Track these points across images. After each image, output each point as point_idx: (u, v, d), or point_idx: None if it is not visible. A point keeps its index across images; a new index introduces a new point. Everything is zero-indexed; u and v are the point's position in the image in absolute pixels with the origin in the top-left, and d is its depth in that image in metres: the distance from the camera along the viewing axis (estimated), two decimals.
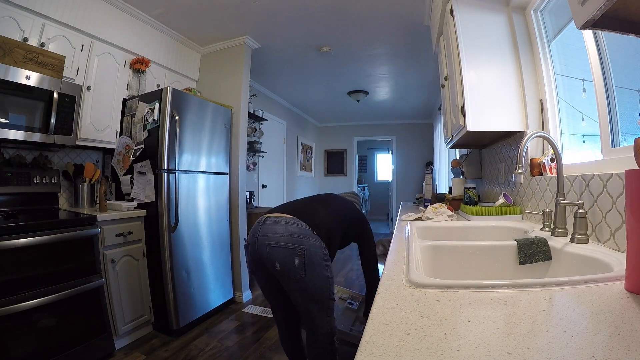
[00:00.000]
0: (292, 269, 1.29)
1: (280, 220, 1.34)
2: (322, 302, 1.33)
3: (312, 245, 1.31)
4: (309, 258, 1.29)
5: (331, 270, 1.38)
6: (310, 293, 1.31)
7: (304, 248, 1.29)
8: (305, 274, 1.29)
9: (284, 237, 1.30)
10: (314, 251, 1.30)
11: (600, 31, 0.75)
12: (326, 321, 1.36)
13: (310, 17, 2.65)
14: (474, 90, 1.55)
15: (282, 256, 1.29)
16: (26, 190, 2.00)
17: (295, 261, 1.28)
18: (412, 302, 0.54)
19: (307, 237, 1.31)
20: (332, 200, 1.63)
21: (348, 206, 1.66)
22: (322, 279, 1.32)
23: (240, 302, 2.92)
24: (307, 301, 1.33)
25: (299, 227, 1.32)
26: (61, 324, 1.67)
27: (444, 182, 4.40)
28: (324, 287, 1.33)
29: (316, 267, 1.30)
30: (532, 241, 0.97)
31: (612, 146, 1.05)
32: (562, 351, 0.37)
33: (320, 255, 1.32)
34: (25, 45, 1.79)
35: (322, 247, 1.34)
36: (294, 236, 1.29)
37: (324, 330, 1.36)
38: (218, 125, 2.72)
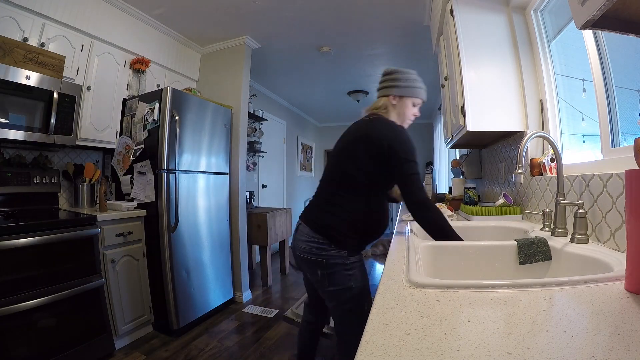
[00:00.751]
0: (317, 279, 1.28)
1: (304, 231, 1.29)
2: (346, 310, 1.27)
3: (332, 256, 1.24)
4: (330, 269, 1.24)
5: (357, 279, 1.25)
6: (336, 302, 1.28)
7: (323, 261, 1.24)
8: (329, 285, 1.25)
9: (306, 251, 1.27)
10: (333, 262, 1.24)
11: (600, 31, 0.75)
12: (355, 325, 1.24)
13: (310, 17, 2.65)
14: (474, 90, 1.55)
15: (307, 267, 1.30)
16: (26, 190, 2.00)
17: (318, 272, 1.26)
18: (412, 302, 0.54)
19: (325, 249, 1.24)
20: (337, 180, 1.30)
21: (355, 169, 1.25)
22: (345, 289, 1.24)
23: (240, 302, 2.92)
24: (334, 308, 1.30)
25: (317, 241, 1.25)
26: (61, 324, 1.67)
27: (444, 182, 4.40)
28: (347, 298, 1.25)
29: (338, 278, 1.24)
30: (532, 241, 0.97)
31: (612, 146, 1.05)
32: (562, 351, 0.37)
33: (341, 266, 1.24)
34: (25, 45, 1.79)
35: (343, 257, 1.24)
36: (313, 250, 1.25)
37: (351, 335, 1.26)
38: (218, 125, 2.72)
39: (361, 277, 1.27)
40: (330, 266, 1.23)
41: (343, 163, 1.28)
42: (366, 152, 1.22)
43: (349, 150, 1.27)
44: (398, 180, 1.22)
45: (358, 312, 1.24)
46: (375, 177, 1.24)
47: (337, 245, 1.23)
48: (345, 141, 1.32)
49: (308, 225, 1.28)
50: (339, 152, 1.32)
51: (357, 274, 1.26)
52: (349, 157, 1.26)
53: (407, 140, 1.22)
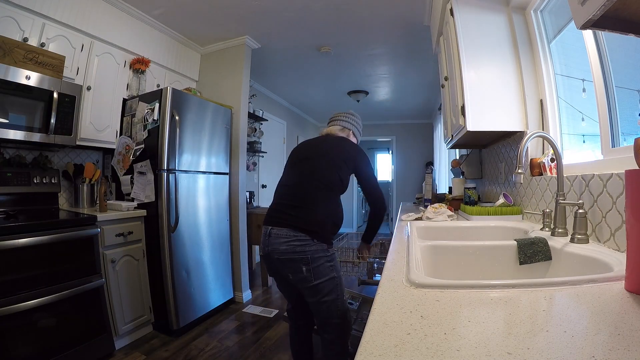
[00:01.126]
0: (303, 277, 1.39)
1: (281, 234, 1.41)
2: (331, 301, 1.42)
3: (314, 251, 1.39)
4: (314, 263, 1.38)
5: (337, 269, 1.46)
6: (321, 295, 1.41)
7: (307, 257, 1.37)
8: (314, 279, 1.39)
9: (289, 251, 1.38)
10: (317, 256, 1.39)
11: (600, 31, 0.75)
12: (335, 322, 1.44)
13: (310, 17, 2.65)
14: (474, 90, 1.55)
15: (291, 267, 1.40)
16: (26, 190, 2.00)
17: (303, 269, 1.38)
18: (412, 302, 0.54)
19: (309, 245, 1.38)
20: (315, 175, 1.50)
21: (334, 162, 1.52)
22: (329, 280, 1.41)
23: (240, 302, 2.92)
24: (319, 302, 1.43)
25: (300, 239, 1.38)
26: (61, 324, 1.67)
27: (444, 182, 4.40)
28: (332, 288, 1.42)
29: (322, 271, 1.39)
30: (532, 241, 0.97)
31: (612, 146, 1.05)
32: (562, 351, 0.37)
33: (324, 259, 1.41)
34: (25, 45, 1.79)
35: (324, 250, 1.42)
36: (296, 248, 1.38)
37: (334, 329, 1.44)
38: (218, 125, 2.72)
39: (338, 267, 1.48)
40: (315, 260, 1.38)
41: (325, 170, 1.50)
42: (345, 164, 1.52)
43: (332, 161, 1.52)
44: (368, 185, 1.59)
45: (342, 300, 1.45)
46: (345, 182, 1.54)
47: (319, 239, 1.40)
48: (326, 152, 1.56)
49: (286, 227, 1.40)
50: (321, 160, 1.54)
51: (336, 264, 1.46)
52: (333, 166, 1.51)
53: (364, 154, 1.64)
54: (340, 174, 1.50)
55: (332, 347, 1.45)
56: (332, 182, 1.49)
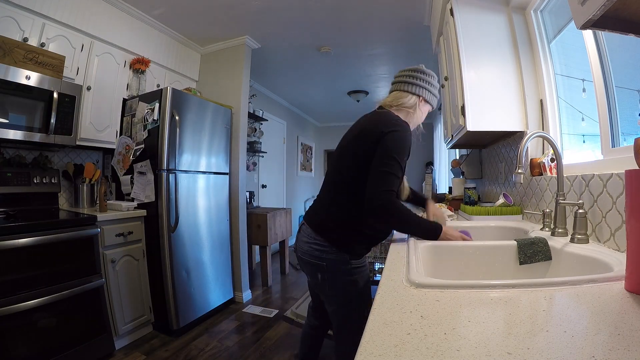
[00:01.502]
0: (317, 283, 1.25)
1: (307, 232, 1.25)
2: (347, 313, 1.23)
3: (332, 260, 1.18)
4: (330, 273, 1.20)
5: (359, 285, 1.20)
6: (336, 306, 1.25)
7: (323, 265, 1.19)
8: (328, 290, 1.23)
9: (307, 254, 1.23)
10: (334, 267, 1.18)
11: (600, 31, 0.75)
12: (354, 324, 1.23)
13: (310, 17, 2.65)
14: (474, 90, 1.55)
15: (308, 270, 1.28)
16: (26, 190, 2.00)
17: (318, 277, 1.22)
18: (412, 302, 0.54)
19: (326, 252, 1.18)
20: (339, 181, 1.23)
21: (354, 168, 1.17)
22: (346, 295, 1.20)
23: (240, 302, 2.92)
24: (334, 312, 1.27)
25: (319, 243, 1.20)
26: (61, 324, 1.67)
27: (444, 182, 4.40)
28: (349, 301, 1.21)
29: (338, 284, 1.20)
30: (532, 241, 0.97)
31: (612, 146, 1.05)
32: (562, 351, 0.37)
33: (343, 271, 1.18)
34: (25, 45, 1.79)
35: (345, 261, 1.18)
36: (314, 253, 1.21)
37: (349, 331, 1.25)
38: (218, 125, 2.72)
39: (363, 283, 1.22)
40: (331, 270, 1.18)
41: (345, 162, 1.19)
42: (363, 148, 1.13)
43: (349, 149, 1.20)
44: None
45: (357, 319, 1.19)
46: None
47: (338, 248, 1.17)
48: (347, 138, 1.24)
49: (310, 226, 1.24)
50: (341, 151, 1.24)
51: (359, 280, 1.20)
52: (351, 156, 1.17)
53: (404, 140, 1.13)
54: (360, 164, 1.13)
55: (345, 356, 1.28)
56: (357, 179, 1.13)
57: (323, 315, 1.47)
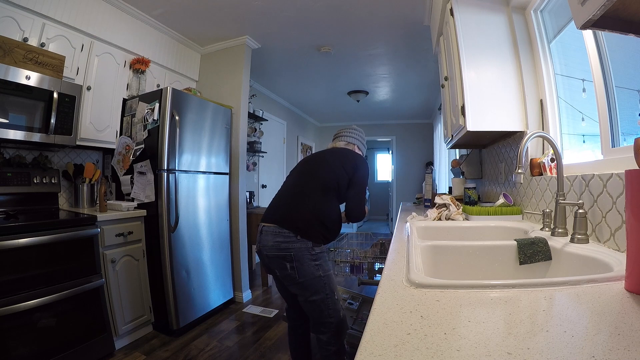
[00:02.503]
0: (287, 274, 1.41)
1: (269, 230, 1.44)
2: (320, 300, 1.42)
3: (298, 248, 1.39)
4: (298, 261, 1.39)
5: (324, 268, 1.44)
6: (308, 293, 1.42)
7: (291, 254, 1.39)
8: (298, 277, 1.39)
9: (274, 248, 1.41)
10: (300, 254, 1.39)
11: (600, 31, 0.75)
12: (329, 322, 1.43)
13: (310, 17, 2.65)
14: (474, 90, 1.55)
15: (277, 264, 1.43)
16: (26, 190, 2.00)
17: (287, 267, 1.39)
18: (412, 302, 0.54)
19: (292, 242, 1.39)
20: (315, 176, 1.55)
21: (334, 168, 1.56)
22: (315, 279, 1.40)
23: (240, 302, 2.92)
24: (308, 301, 1.43)
25: (284, 235, 1.40)
26: (61, 324, 1.67)
27: (444, 182, 4.40)
28: (318, 287, 1.41)
29: (306, 269, 1.39)
30: (532, 241, 0.97)
31: (612, 146, 1.05)
32: (562, 351, 0.37)
33: (308, 257, 1.40)
34: (25, 45, 1.79)
35: (308, 248, 1.40)
36: (281, 245, 1.40)
37: (328, 328, 1.44)
38: (218, 125, 2.72)
39: (327, 267, 1.46)
40: (298, 258, 1.38)
41: (323, 172, 1.55)
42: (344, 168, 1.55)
43: (331, 165, 1.57)
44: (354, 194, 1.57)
45: (332, 299, 1.43)
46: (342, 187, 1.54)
47: (302, 235, 1.39)
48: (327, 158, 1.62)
49: (275, 223, 1.44)
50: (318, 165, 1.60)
51: (323, 264, 1.44)
52: (331, 169, 1.55)
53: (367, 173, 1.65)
54: (338, 177, 1.53)
55: (328, 347, 1.45)
56: (328, 183, 1.51)
57: (300, 314, 1.61)
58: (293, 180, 1.61)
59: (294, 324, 1.66)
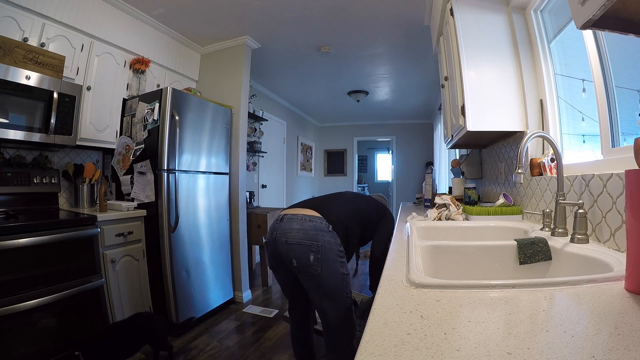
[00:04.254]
0: (308, 264, 1.29)
1: (297, 217, 1.34)
2: (337, 300, 1.33)
3: (328, 241, 1.30)
4: (324, 254, 1.29)
5: (347, 268, 1.36)
6: (325, 289, 1.31)
7: (318, 244, 1.29)
8: (321, 270, 1.29)
9: (300, 233, 1.30)
10: (329, 247, 1.30)
11: (600, 31, 0.75)
12: (344, 323, 1.35)
13: (310, 17, 2.65)
14: (474, 90, 1.55)
15: (298, 253, 1.30)
16: (26, 190, 2.00)
17: (310, 257, 1.28)
18: (412, 302, 0.54)
19: (323, 233, 1.31)
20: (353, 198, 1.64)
21: (370, 204, 1.66)
22: (337, 275, 1.32)
23: (240, 302, 2.92)
24: (323, 298, 1.33)
25: (315, 223, 1.32)
26: (61, 324, 1.67)
27: (444, 182, 4.40)
28: (339, 285, 1.32)
29: (331, 264, 1.30)
30: (532, 241, 0.97)
31: (612, 146, 1.05)
32: (562, 351, 0.37)
33: (336, 252, 1.32)
34: (25, 45, 1.79)
35: (338, 244, 1.33)
36: (309, 232, 1.30)
37: (342, 332, 1.35)
38: (218, 125, 2.72)
39: (347, 269, 1.37)
40: (325, 250, 1.29)
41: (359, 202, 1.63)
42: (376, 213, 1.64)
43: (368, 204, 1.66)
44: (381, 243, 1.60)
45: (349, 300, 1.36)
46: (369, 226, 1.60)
47: (335, 228, 1.34)
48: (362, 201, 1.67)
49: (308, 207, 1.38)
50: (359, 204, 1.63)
51: (346, 264, 1.37)
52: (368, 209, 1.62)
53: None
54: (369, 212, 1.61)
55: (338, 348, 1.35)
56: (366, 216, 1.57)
57: (303, 310, 1.56)
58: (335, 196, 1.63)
59: (299, 324, 1.57)
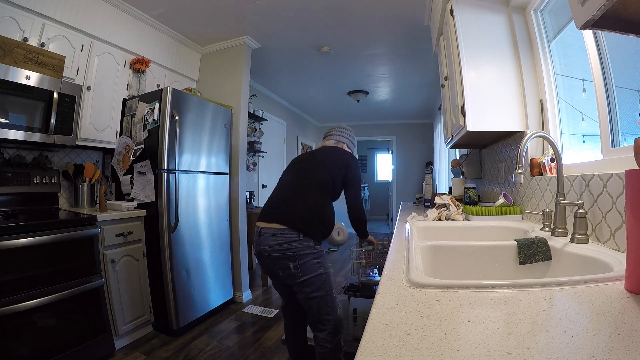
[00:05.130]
0: (291, 273, 1.45)
1: (269, 232, 1.46)
2: (321, 297, 1.47)
3: (301, 248, 1.44)
4: (301, 260, 1.43)
5: (324, 266, 1.50)
6: (309, 291, 1.46)
7: (294, 254, 1.43)
8: (302, 276, 1.44)
9: (276, 248, 1.44)
10: (303, 254, 1.44)
11: (600, 31, 0.75)
12: (327, 319, 1.47)
13: (310, 17, 2.65)
14: (474, 90, 1.55)
15: (279, 265, 1.46)
16: (26, 190, 2.00)
17: (290, 266, 1.43)
18: (412, 302, 0.54)
19: (295, 242, 1.44)
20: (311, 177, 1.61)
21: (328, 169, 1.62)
22: (317, 276, 1.46)
23: (240, 302, 2.92)
24: (308, 297, 1.47)
25: (285, 235, 1.44)
26: (61, 324, 1.67)
27: (444, 182, 4.40)
28: (319, 284, 1.46)
29: (309, 268, 1.44)
30: (532, 241, 0.97)
31: (612, 146, 1.05)
32: (562, 351, 0.37)
33: (310, 256, 1.46)
34: (25, 45, 1.78)
35: (311, 247, 1.47)
36: (284, 246, 1.43)
37: (326, 326, 1.48)
38: (218, 125, 2.72)
39: (327, 265, 1.52)
40: (301, 257, 1.43)
41: (318, 171, 1.60)
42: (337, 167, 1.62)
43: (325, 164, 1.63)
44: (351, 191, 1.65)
45: (331, 296, 1.48)
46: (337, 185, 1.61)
47: (305, 234, 1.45)
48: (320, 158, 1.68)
49: (274, 222, 1.47)
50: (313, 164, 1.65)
51: (323, 262, 1.50)
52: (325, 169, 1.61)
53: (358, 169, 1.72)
54: (333, 176, 1.60)
55: (325, 345, 1.48)
56: (323, 182, 1.57)
57: (297, 312, 1.67)
58: (288, 180, 1.66)
59: (291, 322, 1.71)
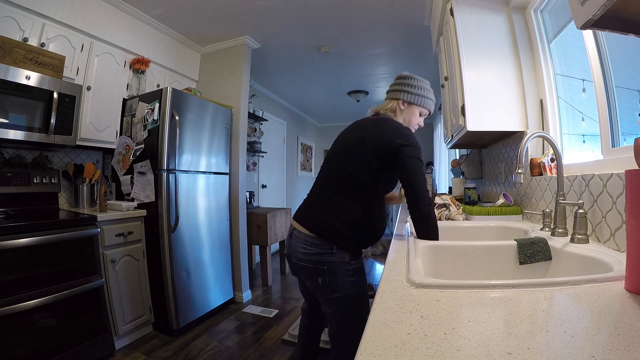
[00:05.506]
0: (318, 287, 1.23)
1: (301, 236, 1.24)
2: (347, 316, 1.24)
3: (333, 262, 1.19)
4: (331, 276, 1.19)
5: (359, 285, 1.23)
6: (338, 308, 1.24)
7: (324, 268, 1.19)
8: (330, 293, 1.21)
9: (305, 257, 1.22)
10: (335, 269, 1.19)
11: (600, 31, 0.75)
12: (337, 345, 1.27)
13: (310, 17, 2.65)
14: (474, 90, 1.55)
15: (307, 275, 1.26)
16: (26, 190, 2.00)
17: (319, 280, 1.21)
18: (412, 302, 0.54)
19: (327, 255, 1.19)
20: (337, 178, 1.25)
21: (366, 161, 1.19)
22: (348, 296, 1.21)
23: (240, 302, 2.92)
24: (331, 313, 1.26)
25: (317, 246, 1.20)
26: (61, 324, 1.67)
27: (444, 182, 4.40)
28: (349, 304, 1.22)
29: (340, 285, 1.20)
30: (532, 241, 0.97)
31: (612, 146, 1.05)
32: (562, 351, 0.37)
33: (344, 272, 1.20)
34: (25, 45, 1.78)
35: (345, 263, 1.20)
36: (313, 257, 1.20)
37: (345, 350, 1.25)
38: (218, 125, 2.72)
39: (362, 283, 1.24)
40: (332, 273, 1.18)
41: (347, 163, 1.22)
42: (374, 152, 1.17)
43: (354, 150, 1.22)
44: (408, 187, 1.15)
45: (357, 319, 1.21)
46: (380, 179, 1.19)
47: (339, 248, 1.19)
48: (350, 140, 1.26)
49: (306, 228, 1.22)
50: (342, 151, 1.26)
51: (358, 280, 1.23)
52: (354, 156, 1.20)
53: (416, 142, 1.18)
54: (366, 165, 1.18)
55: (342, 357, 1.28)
56: (356, 178, 1.19)
57: (316, 317, 1.49)
58: (320, 174, 1.33)
59: (307, 324, 1.54)
